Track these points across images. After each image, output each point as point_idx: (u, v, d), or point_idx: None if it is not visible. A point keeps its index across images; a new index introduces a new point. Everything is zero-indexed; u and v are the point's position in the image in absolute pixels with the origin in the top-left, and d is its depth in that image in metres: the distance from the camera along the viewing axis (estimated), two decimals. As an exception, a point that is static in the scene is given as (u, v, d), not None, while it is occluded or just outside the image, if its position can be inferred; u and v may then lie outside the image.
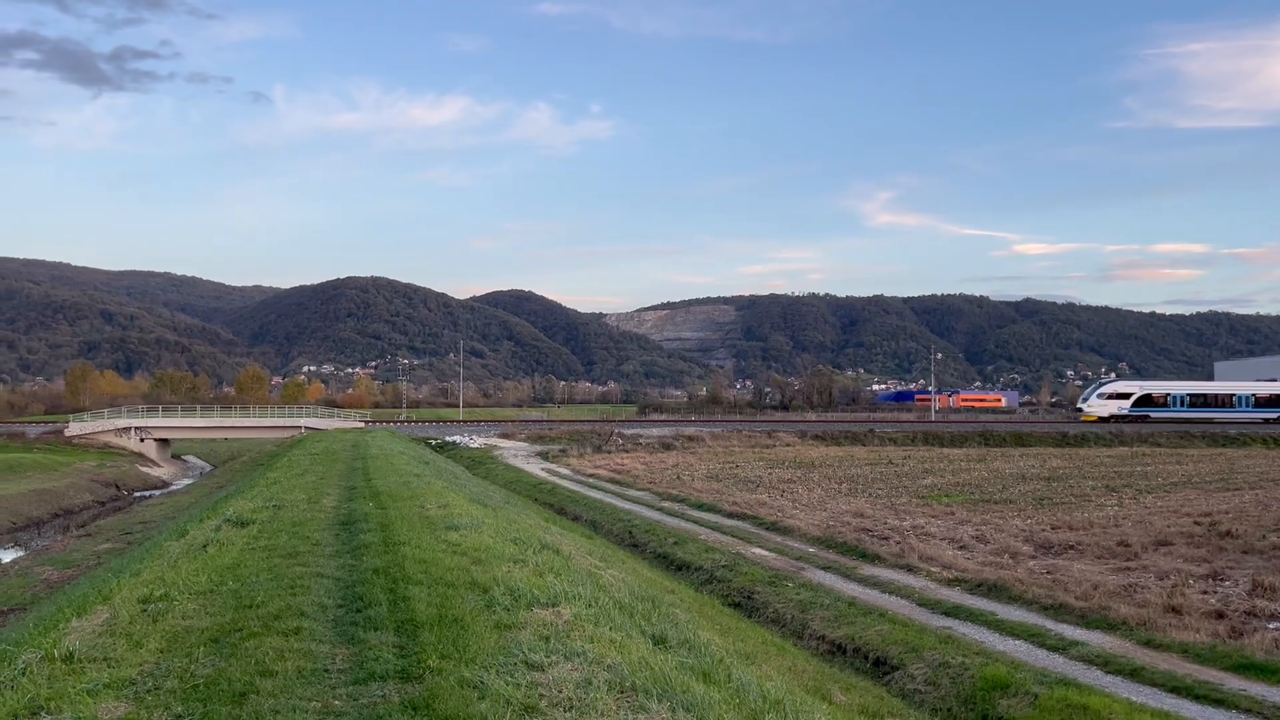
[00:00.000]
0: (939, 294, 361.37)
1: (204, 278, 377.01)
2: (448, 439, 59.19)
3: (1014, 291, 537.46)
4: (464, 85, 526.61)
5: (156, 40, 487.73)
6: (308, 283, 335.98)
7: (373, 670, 6.86)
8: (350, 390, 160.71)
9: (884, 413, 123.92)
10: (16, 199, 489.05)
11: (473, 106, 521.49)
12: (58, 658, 7.34)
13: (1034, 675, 11.82)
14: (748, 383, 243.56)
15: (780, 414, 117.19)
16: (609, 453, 54.24)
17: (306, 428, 63.31)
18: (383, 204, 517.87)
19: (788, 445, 60.03)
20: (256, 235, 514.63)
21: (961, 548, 20.86)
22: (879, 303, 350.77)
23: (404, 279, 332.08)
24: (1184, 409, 72.49)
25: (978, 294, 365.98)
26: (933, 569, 18.68)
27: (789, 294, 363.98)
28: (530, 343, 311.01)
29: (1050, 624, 14.46)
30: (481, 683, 6.34)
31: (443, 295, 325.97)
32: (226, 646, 7.51)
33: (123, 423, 61.06)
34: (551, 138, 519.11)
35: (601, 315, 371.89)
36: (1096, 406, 73.39)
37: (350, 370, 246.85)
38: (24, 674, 7.00)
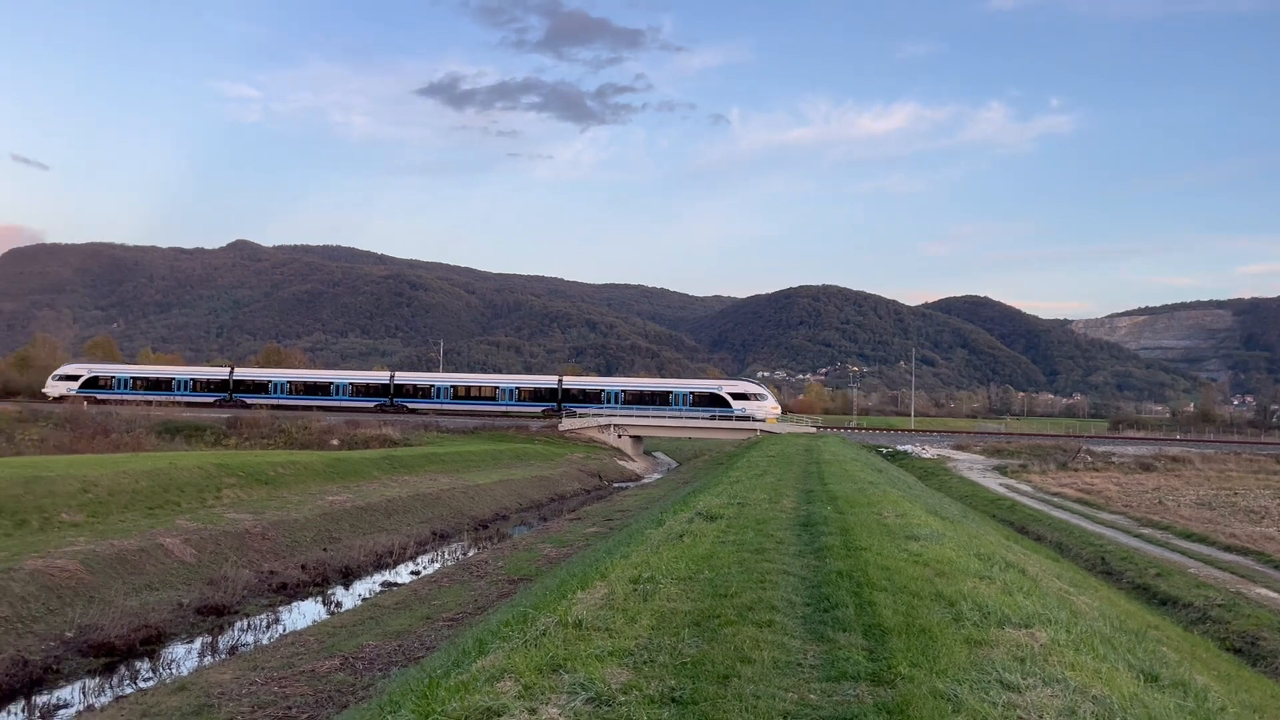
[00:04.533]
0: None
1: (671, 289, 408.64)
2: (898, 448, 58.58)
3: None
4: (912, 91, 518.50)
5: (633, 75, 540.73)
6: (762, 292, 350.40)
7: (844, 670, 7.04)
8: (801, 396, 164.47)
9: None
10: (523, 223, 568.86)
11: (921, 111, 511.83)
12: (569, 624, 8.40)
13: None
14: (1248, 399, 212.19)
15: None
16: (1075, 470, 50.23)
17: (761, 430, 66.10)
18: (832, 214, 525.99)
19: (1302, 472, 51.35)
20: (716, 249, 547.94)
21: None
22: None
23: (854, 287, 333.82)
24: (132, 391, 76.57)
25: None
26: None
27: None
28: (985, 351, 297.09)
29: None
30: (955, 696, 6.24)
31: (893, 302, 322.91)
32: (707, 631, 8.13)
33: (604, 420, 68.13)
34: (1006, 136, 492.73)
35: (1066, 322, 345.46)
36: (51, 387, 78.46)
37: (801, 376, 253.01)
38: (544, 635, 8.13)
